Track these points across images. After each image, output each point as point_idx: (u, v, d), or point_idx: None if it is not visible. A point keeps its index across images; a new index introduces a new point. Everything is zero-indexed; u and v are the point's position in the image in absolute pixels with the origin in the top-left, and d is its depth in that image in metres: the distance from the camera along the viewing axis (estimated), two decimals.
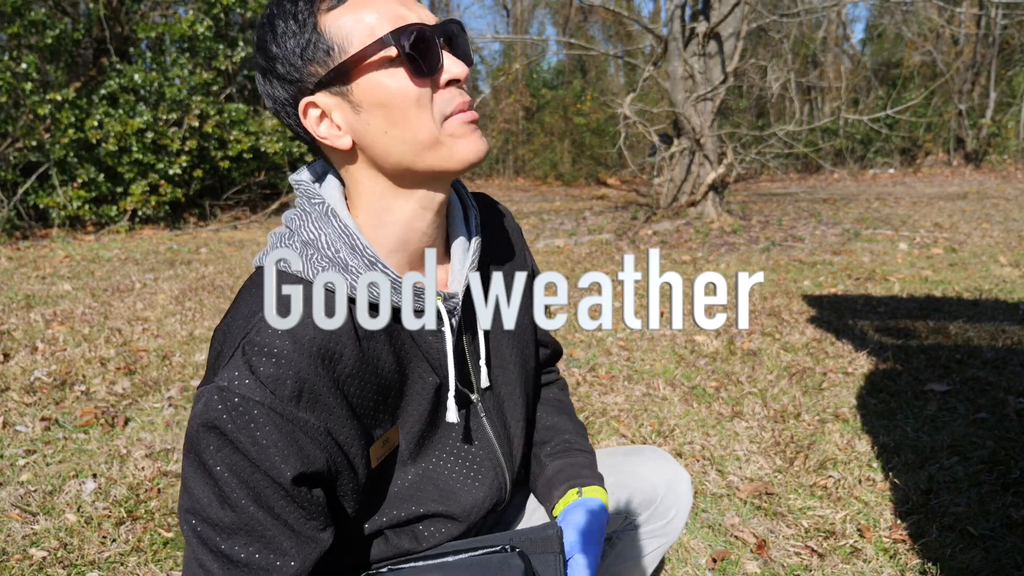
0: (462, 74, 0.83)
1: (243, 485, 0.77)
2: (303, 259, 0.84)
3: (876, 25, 19.41)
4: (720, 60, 8.12)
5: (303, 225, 0.86)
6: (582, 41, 15.09)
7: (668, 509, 1.13)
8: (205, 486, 0.78)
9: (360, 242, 0.84)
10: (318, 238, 0.84)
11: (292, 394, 0.78)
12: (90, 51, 9.83)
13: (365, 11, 0.80)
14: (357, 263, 0.84)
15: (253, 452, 0.76)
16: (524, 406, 1.07)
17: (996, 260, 5.76)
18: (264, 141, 9.46)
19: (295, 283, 0.78)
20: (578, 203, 11.76)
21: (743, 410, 2.84)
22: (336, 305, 0.77)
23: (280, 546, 0.79)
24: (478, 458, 0.99)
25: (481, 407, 1.00)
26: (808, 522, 2.01)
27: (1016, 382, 2.99)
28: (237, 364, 0.77)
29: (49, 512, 2.08)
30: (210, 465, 0.77)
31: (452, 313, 0.91)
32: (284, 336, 0.79)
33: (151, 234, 8.55)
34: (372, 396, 0.87)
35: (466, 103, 0.85)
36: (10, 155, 8.15)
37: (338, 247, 0.84)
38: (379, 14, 0.80)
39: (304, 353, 0.79)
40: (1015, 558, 1.80)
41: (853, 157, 16.40)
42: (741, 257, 6.42)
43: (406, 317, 0.80)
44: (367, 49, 0.80)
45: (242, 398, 0.76)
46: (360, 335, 0.85)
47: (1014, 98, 16.24)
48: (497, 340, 1.02)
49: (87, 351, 3.55)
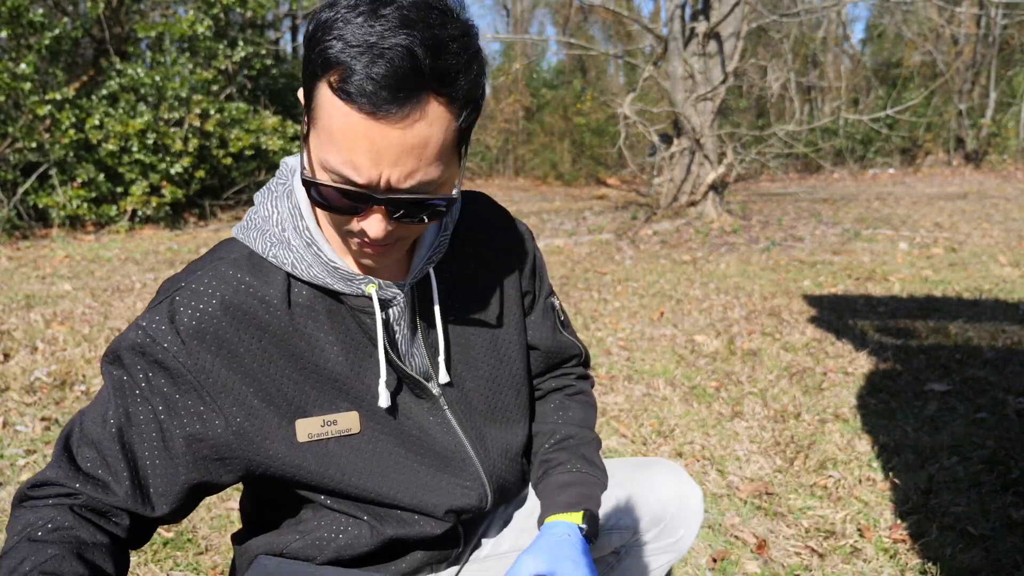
0: (373, 236, 0.81)
1: (122, 415, 0.85)
2: (259, 232, 0.91)
3: (876, 25, 19.41)
4: (720, 60, 8.11)
5: (264, 203, 0.93)
6: (582, 41, 15.08)
7: (678, 527, 1.12)
8: (98, 400, 0.88)
9: (303, 223, 0.90)
10: (271, 215, 0.91)
11: (205, 350, 0.85)
12: (90, 51, 9.83)
13: (338, 126, 0.74)
14: (298, 242, 0.89)
15: (144, 391, 0.85)
16: (504, 412, 1.06)
17: (996, 260, 5.76)
18: (264, 139, 9.47)
19: (243, 252, 0.90)
20: (578, 203, 11.76)
21: (743, 410, 2.84)
22: (274, 278, 0.88)
23: (117, 476, 0.86)
24: (446, 456, 1.00)
25: (444, 401, 1.00)
26: (808, 522, 2.01)
27: (1016, 382, 2.98)
28: (162, 309, 0.86)
29: None
30: (106, 377, 0.87)
31: (389, 302, 0.94)
32: (213, 295, 0.86)
33: (151, 234, 8.55)
34: (302, 371, 0.90)
35: (371, 244, 0.84)
36: (10, 155, 8.14)
37: (284, 226, 0.90)
38: (341, 145, 0.75)
39: (228, 315, 0.86)
40: (1015, 558, 1.80)
41: (853, 157, 16.39)
42: (741, 257, 6.41)
43: (345, 298, 0.90)
44: (314, 147, 0.79)
45: (152, 341, 0.84)
46: (294, 311, 0.90)
47: (1014, 98, 16.24)
48: (465, 340, 1.02)
49: (87, 351, 3.55)
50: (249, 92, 10.88)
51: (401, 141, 0.73)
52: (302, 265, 0.89)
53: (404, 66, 0.71)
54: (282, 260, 0.89)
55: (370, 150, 0.74)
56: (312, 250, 0.89)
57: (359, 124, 0.72)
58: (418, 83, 0.72)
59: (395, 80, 0.70)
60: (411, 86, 0.71)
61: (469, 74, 0.75)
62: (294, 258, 0.89)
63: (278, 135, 9.58)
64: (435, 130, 0.75)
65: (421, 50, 0.71)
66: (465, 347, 1.02)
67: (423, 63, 0.71)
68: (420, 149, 0.75)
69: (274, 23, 13.31)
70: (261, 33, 11.45)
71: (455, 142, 0.79)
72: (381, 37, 0.70)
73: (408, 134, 0.73)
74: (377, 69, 0.70)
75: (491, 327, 1.04)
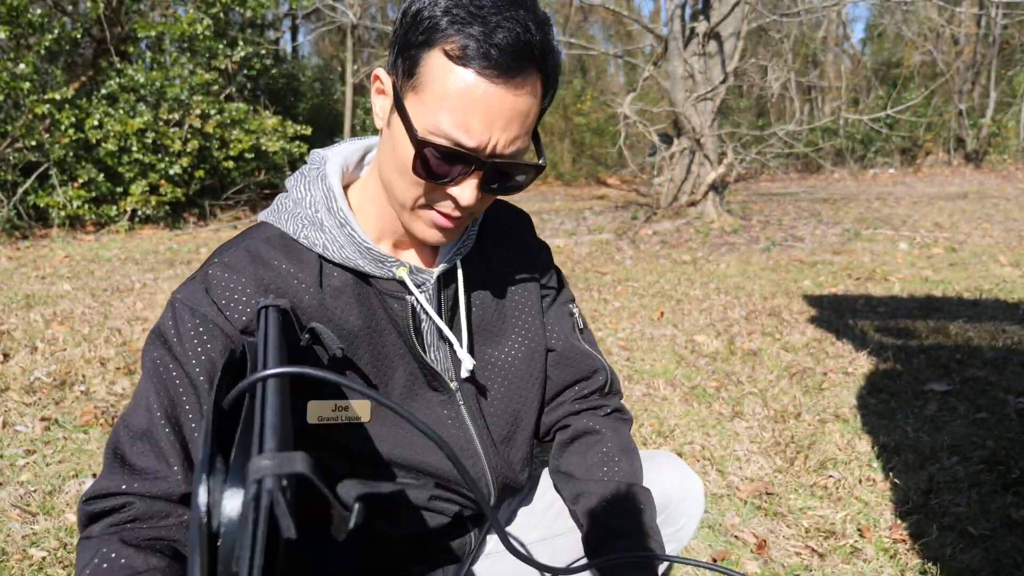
0: (465, 203, 0.84)
1: (164, 397, 0.83)
2: (290, 215, 0.92)
3: (876, 25, 19.41)
4: (720, 60, 8.11)
5: (296, 186, 0.95)
6: (582, 41, 15.08)
7: (679, 516, 1.13)
8: (137, 396, 0.86)
9: (337, 204, 0.91)
10: (304, 197, 0.93)
11: (237, 319, 0.85)
12: (90, 51, 9.82)
13: (455, 89, 0.77)
14: (331, 223, 0.91)
15: (184, 360, 0.84)
16: (516, 411, 1.06)
17: (996, 260, 5.76)
18: (264, 140, 9.46)
19: (275, 233, 0.91)
20: (578, 203, 11.76)
21: (743, 410, 2.84)
22: (307, 259, 0.90)
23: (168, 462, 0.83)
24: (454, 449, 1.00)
25: (460, 396, 1.01)
26: (808, 522, 2.01)
27: (1016, 382, 2.98)
28: (196, 282, 0.87)
29: (49, 512, 2.08)
30: (146, 364, 0.85)
31: (420, 287, 0.95)
32: (245, 269, 0.87)
33: (151, 234, 8.55)
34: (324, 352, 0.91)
35: (448, 216, 0.87)
36: (10, 155, 8.14)
37: (318, 207, 0.92)
38: (456, 107, 0.77)
39: (260, 289, 0.87)
40: (1015, 558, 1.80)
41: (853, 157, 16.39)
42: (741, 257, 6.41)
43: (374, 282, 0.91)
44: (413, 113, 0.80)
45: (191, 309, 0.85)
46: (325, 291, 0.91)
47: (1014, 98, 16.24)
48: (487, 337, 1.03)
49: (87, 351, 3.55)
50: (249, 92, 10.88)
51: (513, 107, 0.78)
52: (334, 246, 0.91)
53: (523, 38, 0.76)
54: (314, 241, 0.91)
55: (487, 113, 0.77)
56: (345, 231, 0.91)
57: (478, 87, 0.76)
58: (531, 55, 0.77)
59: (517, 48, 0.76)
60: (527, 56, 0.77)
61: (556, 56, 0.82)
62: (326, 239, 0.91)
63: (278, 135, 9.57)
64: (534, 102, 0.81)
65: (534, 25, 0.77)
66: (486, 343, 1.03)
67: (535, 38, 0.77)
68: (524, 117, 0.80)
69: (274, 23, 13.31)
70: (261, 33, 11.45)
71: (538, 118, 0.84)
72: (494, 12, 0.76)
73: (520, 101, 0.78)
74: (499, 38, 0.75)
75: (513, 325, 1.05)
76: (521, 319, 1.06)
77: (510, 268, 1.06)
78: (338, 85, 14.85)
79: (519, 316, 1.06)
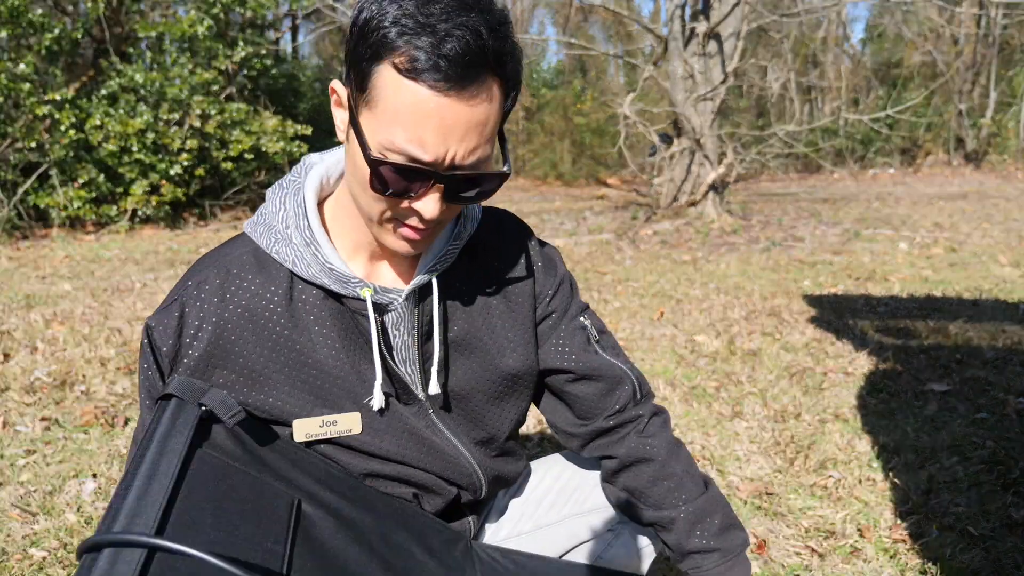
0: (428, 216, 0.83)
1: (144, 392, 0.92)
2: (266, 227, 0.93)
3: (876, 25, 19.41)
4: (720, 60, 8.11)
5: (274, 199, 0.95)
6: (582, 41, 15.08)
7: None
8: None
9: (306, 221, 0.91)
10: (278, 211, 0.93)
11: (204, 350, 0.88)
12: (90, 51, 9.82)
13: (406, 104, 0.75)
14: (299, 240, 0.91)
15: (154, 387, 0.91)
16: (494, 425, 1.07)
17: (996, 260, 5.76)
18: (265, 141, 9.46)
19: (250, 248, 0.92)
20: (578, 203, 11.76)
21: (743, 410, 2.84)
22: (277, 275, 0.91)
23: None
24: (439, 451, 1.02)
25: (429, 406, 1.01)
26: (808, 522, 2.01)
27: (1016, 382, 2.98)
28: (171, 311, 0.90)
29: (49, 512, 2.08)
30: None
31: (386, 307, 0.94)
32: (215, 292, 0.89)
33: (151, 234, 8.55)
34: (302, 369, 0.92)
35: (415, 228, 0.86)
36: (10, 155, 8.14)
37: (288, 223, 0.92)
38: (409, 122, 0.76)
39: (231, 315, 0.89)
40: (1015, 558, 1.80)
41: (853, 157, 16.39)
42: (741, 257, 6.41)
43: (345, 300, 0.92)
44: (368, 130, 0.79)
45: (153, 342, 0.89)
46: (295, 308, 0.92)
47: (1014, 98, 16.23)
48: (463, 353, 1.02)
49: (87, 351, 3.55)
50: (249, 92, 10.87)
51: (469, 117, 0.76)
52: (302, 264, 0.90)
53: (473, 46, 0.73)
54: (284, 257, 0.91)
55: (440, 127, 0.75)
56: (311, 250, 0.90)
57: (429, 101, 0.74)
58: (484, 62, 0.75)
59: (468, 57, 0.73)
60: (480, 63, 0.74)
61: (515, 57, 0.79)
62: (295, 256, 0.91)
63: (278, 136, 9.57)
64: (493, 108, 0.78)
65: (485, 31, 0.74)
66: (461, 359, 1.02)
67: (487, 43, 0.74)
68: (481, 126, 0.78)
69: (274, 23, 13.30)
70: (261, 33, 11.45)
71: (500, 123, 0.83)
72: (443, 19, 0.73)
73: (476, 111, 0.76)
74: (448, 48, 0.73)
75: (495, 340, 1.03)
76: (505, 336, 1.04)
77: (499, 282, 1.04)
78: None
79: (503, 331, 1.04)
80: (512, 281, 1.05)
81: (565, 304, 1.09)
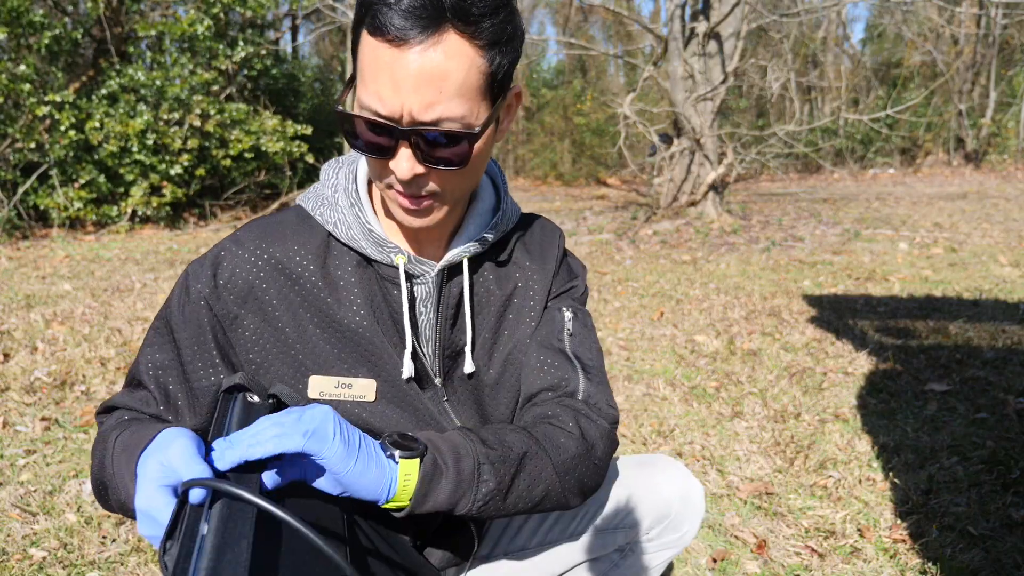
0: (401, 176, 0.82)
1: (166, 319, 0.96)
2: (314, 193, 0.98)
3: (876, 25, 19.41)
4: (720, 60, 8.11)
5: (328, 170, 1.00)
6: (582, 41, 15.09)
7: (682, 523, 1.13)
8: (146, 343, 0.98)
9: (353, 185, 0.95)
10: (329, 179, 0.98)
11: (235, 301, 0.91)
12: (90, 51, 9.82)
13: (368, 61, 0.78)
14: (344, 203, 0.94)
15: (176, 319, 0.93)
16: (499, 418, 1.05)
17: (996, 260, 5.76)
18: (265, 140, 9.46)
19: (296, 213, 0.97)
20: (578, 203, 11.75)
21: (743, 410, 2.84)
22: (314, 235, 0.95)
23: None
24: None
25: (444, 393, 1.01)
26: (808, 522, 2.01)
27: (1016, 382, 2.99)
28: (207, 260, 0.93)
29: (49, 512, 2.08)
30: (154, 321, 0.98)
31: (416, 278, 0.96)
32: (253, 244, 0.93)
33: (151, 234, 8.55)
34: (327, 327, 0.93)
35: (402, 194, 0.85)
36: (10, 155, 8.14)
37: (337, 188, 0.96)
38: (370, 78, 0.78)
39: (263, 260, 0.92)
40: (1015, 558, 1.80)
41: (853, 157, 16.39)
42: (741, 257, 6.41)
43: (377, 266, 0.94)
44: (357, 88, 0.83)
45: (188, 289, 0.92)
46: (328, 269, 0.95)
47: (1014, 98, 16.24)
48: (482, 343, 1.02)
49: (87, 351, 3.55)
50: (249, 92, 10.88)
51: (419, 68, 0.76)
52: (342, 226, 0.94)
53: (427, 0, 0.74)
54: (326, 219, 0.95)
55: (392, 79, 0.77)
56: (354, 211, 0.94)
57: (385, 55, 0.76)
58: (437, 14, 0.75)
59: (414, 10, 0.74)
60: (429, 15, 0.75)
61: (495, 17, 0.78)
62: (337, 218, 0.94)
63: (278, 136, 9.57)
64: (455, 64, 0.77)
65: None
66: (481, 353, 1.02)
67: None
68: (439, 80, 0.77)
69: (274, 23, 13.31)
70: (261, 33, 11.45)
71: (483, 85, 0.80)
72: None
73: (425, 60, 0.76)
74: (405, 3, 0.74)
75: (508, 337, 1.04)
76: (519, 336, 1.04)
77: (523, 282, 1.04)
78: (338, 85, 14.85)
79: (520, 333, 1.04)
80: (535, 281, 1.06)
81: (564, 296, 1.09)
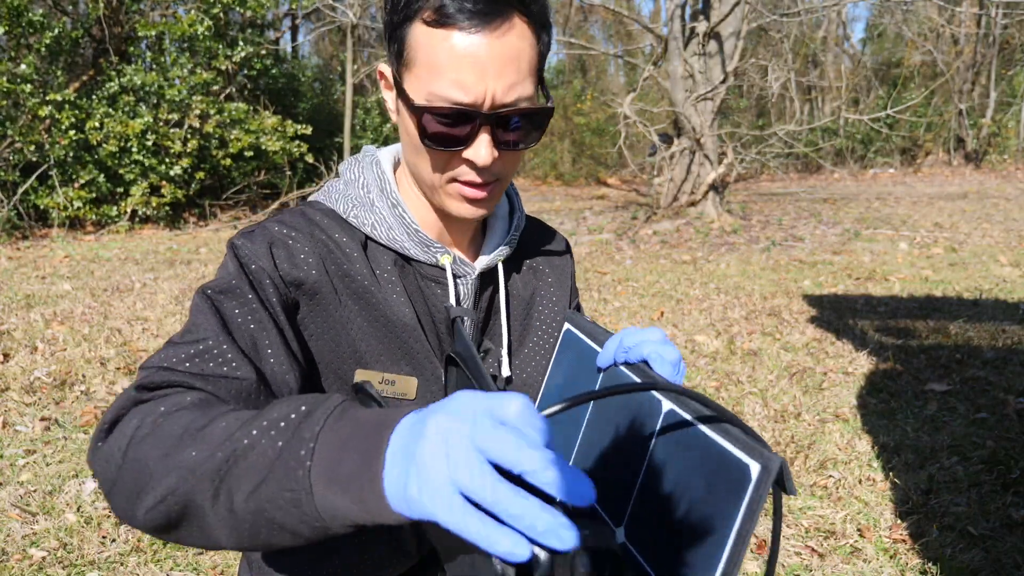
0: (482, 163, 0.83)
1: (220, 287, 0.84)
2: (340, 195, 0.95)
3: (876, 25, 19.42)
4: (720, 60, 8.11)
5: (350, 168, 0.98)
6: (582, 41, 15.09)
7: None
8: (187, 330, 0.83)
9: (389, 186, 0.93)
10: (356, 179, 0.96)
11: (294, 277, 0.87)
12: (90, 51, 9.82)
13: (441, 52, 0.78)
14: (382, 204, 0.93)
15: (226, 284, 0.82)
16: None
17: (996, 260, 5.76)
18: (264, 140, 9.46)
19: (327, 209, 0.93)
20: (578, 203, 11.75)
21: (743, 410, 2.84)
22: (355, 235, 0.92)
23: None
24: None
25: None
26: (808, 522, 2.01)
27: (1016, 382, 2.98)
28: (257, 236, 0.87)
29: (49, 512, 2.08)
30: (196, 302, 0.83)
31: (459, 279, 0.96)
32: (303, 231, 0.89)
33: (151, 234, 8.55)
34: (375, 322, 0.92)
35: (475, 182, 0.86)
36: (9, 155, 8.14)
37: (370, 188, 0.94)
38: (446, 68, 0.78)
39: (315, 245, 0.89)
40: (1015, 558, 1.79)
41: (853, 157, 16.39)
42: (741, 257, 6.41)
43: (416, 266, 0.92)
44: (411, 90, 0.82)
45: (241, 258, 0.85)
46: (371, 265, 0.92)
47: (1014, 98, 16.24)
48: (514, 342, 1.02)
49: (87, 351, 3.55)
50: (249, 92, 10.88)
51: (501, 51, 0.78)
52: (383, 227, 0.92)
53: None
54: (362, 221, 0.92)
55: (475, 64, 0.78)
56: (396, 211, 0.92)
57: (461, 42, 0.77)
58: (506, 0, 0.78)
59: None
60: (500, 1, 0.77)
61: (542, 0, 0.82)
62: (375, 219, 0.92)
63: (278, 135, 9.57)
64: (524, 45, 0.80)
65: None
66: (523, 352, 1.03)
67: None
68: (516, 61, 0.80)
69: (274, 23, 13.31)
70: (261, 33, 11.46)
71: (538, 65, 0.84)
72: None
73: (505, 44, 0.78)
74: None
75: (533, 341, 1.05)
76: (539, 335, 1.05)
77: (542, 285, 1.07)
78: (338, 85, 14.85)
79: (540, 331, 1.05)
80: (551, 283, 1.07)
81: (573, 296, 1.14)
